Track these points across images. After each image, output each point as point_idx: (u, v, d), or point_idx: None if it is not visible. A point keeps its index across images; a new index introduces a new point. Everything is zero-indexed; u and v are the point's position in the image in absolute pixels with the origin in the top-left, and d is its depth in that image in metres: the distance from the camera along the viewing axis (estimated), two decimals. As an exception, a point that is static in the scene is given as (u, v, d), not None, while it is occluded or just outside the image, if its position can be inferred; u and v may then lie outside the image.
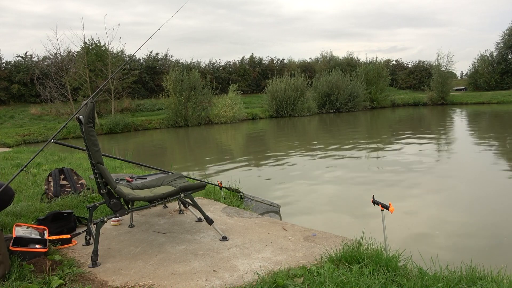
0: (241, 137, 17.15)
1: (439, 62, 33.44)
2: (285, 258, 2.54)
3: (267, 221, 3.40)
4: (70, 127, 15.75)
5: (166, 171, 3.91)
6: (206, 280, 2.26)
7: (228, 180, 4.92)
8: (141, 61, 30.30)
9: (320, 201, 5.87)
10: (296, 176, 7.82)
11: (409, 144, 11.40)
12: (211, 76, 28.80)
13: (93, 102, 2.65)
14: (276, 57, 43.70)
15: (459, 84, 41.94)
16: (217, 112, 23.84)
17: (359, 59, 39.23)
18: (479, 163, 8.37)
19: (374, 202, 2.69)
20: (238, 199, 4.31)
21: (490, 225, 4.61)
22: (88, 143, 2.61)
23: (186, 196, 2.94)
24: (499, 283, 2.00)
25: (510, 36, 38.28)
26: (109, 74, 21.98)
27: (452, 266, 2.21)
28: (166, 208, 3.92)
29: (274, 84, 27.11)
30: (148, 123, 22.41)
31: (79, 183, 4.31)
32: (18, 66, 25.03)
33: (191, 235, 3.07)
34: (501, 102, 30.25)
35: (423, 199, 5.80)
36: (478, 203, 5.56)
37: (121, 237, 3.11)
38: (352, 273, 2.12)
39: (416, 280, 2.04)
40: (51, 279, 2.23)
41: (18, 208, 3.64)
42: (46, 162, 7.10)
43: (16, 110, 23.17)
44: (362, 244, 2.50)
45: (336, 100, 28.68)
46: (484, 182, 6.68)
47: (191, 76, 23.38)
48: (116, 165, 6.57)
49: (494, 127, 16.33)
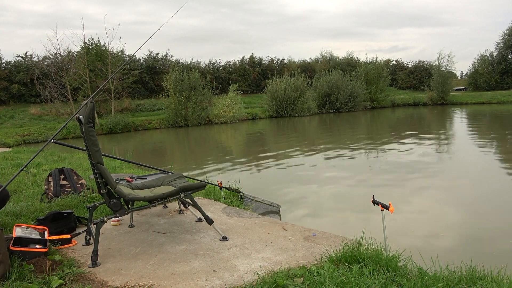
0: (241, 137, 17.15)
1: (439, 62, 33.49)
2: (285, 258, 2.54)
3: (267, 221, 3.40)
4: (70, 127, 15.75)
5: (166, 171, 3.91)
6: (206, 280, 2.27)
7: (228, 180, 4.92)
8: (141, 61, 30.29)
9: (320, 201, 5.87)
10: (296, 176, 7.82)
11: (410, 144, 11.40)
12: (211, 76, 28.80)
13: (93, 102, 2.66)
14: (276, 57, 43.78)
15: (459, 84, 41.95)
16: (217, 112, 23.84)
17: (359, 59, 39.31)
18: (480, 163, 8.37)
19: (374, 202, 2.70)
20: (238, 199, 4.32)
21: (493, 226, 4.61)
22: (88, 143, 2.61)
23: (186, 196, 2.94)
24: (499, 283, 2.00)
25: (510, 36, 38.29)
26: (109, 74, 21.97)
27: (452, 266, 2.21)
28: (166, 208, 3.92)
29: (274, 84, 27.11)
30: (148, 123, 22.41)
31: (79, 183, 4.32)
32: (18, 66, 25.02)
33: (191, 235, 3.07)
34: (501, 102, 30.26)
35: (423, 199, 5.80)
36: (480, 203, 5.55)
37: (121, 237, 3.11)
38: (352, 273, 2.12)
39: (416, 280, 2.04)
40: (51, 279, 2.23)
41: (18, 208, 3.64)
42: (46, 162, 7.10)
43: (16, 110, 23.17)
44: (362, 244, 2.50)
45: (336, 100, 28.69)
46: (486, 182, 6.67)
47: (191, 76, 23.38)
48: (116, 165, 6.57)
49: (494, 127, 16.33)
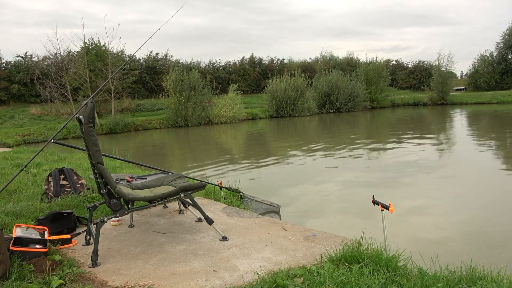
0: (241, 137, 17.14)
1: (439, 62, 33.49)
2: (285, 258, 2.54)
3: (267, 221, 3.40)
4: (70, 127, 15.77)
5: (166, 171, 3.91)
6: (206, 280, 2.26)
7: (228, 180, 4.92)
8: (141, 61, 30.27)
9: (320, 201, 5.87)
10: (296, 176, 7.82)
11: (410, 144, 11.40)
12: (211, 76, 28.78)
13: (93, 102, 2.66)
14: (276, 57, 43.69)
15: (459, 84, 41.94)
16: (217, 112, 23.84)
17: (359, 59, 39.31)
18: (481, 163, 8.37)
19: (374, 202, 2.70)
20: (238, 199, 4.32)
21: (493, 225, 4.61)
22: (88, 143, 2.61)
23: (186, 196, 2.94)
24: (499, 283, 2.00)
25: (510, 36, 38.29)
26: (109, 74, 21.97)
27: (452, 266, 2.20)
28: (166, 208, 3.92)
29: (274, 84, 27.11)
30: (148, 123, 22.41)
31: (79, 183, 4.31)
32: (18, 66, 25.01)
33: (191, 235, 3.07)
34: (501, 102, 30.26)
35: (423, 199, 5.79)
36: (481, 203, 5.55)
37: (121, 237, 3.11)
38: (352, 273, 2.12)
39: (416, 280, 2.04)
40: (51, 279, 2.23)
41: (18, 208, 3.64)
42: (46, 162, 7.10)
43: (16, 110, 23.16)
44: (362, 244, 2.50)
45: (336, 100, 28.68)
46: (487, 182, 6.67)
47: (191, 76, 23.38)
48: (116, 165, 6.56)
49: (494, 127, 16.33)
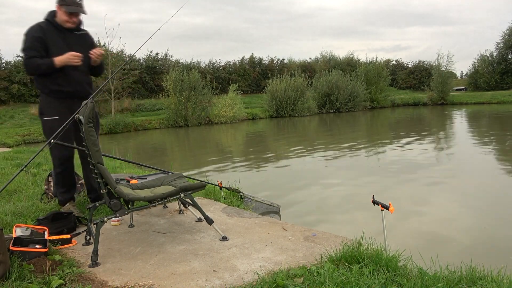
0: (241, 137, 17.14)
1: (439, 62, 33.52)
2: (285, 258, 2.54)
3: (267, 221, 3.40)
4: (70, 127, 15.72)
5: (166, 171, 3.91)
6: (206, 280, 2.26)
7: (228, 180, 4.91)
8: (141, 61, 30.27)
9: (320, 201, 5.87)
10: (296, 176, 7.82)
11: (409, 144, 11.40)
12: (211, 76, 28.79)
13: (93, 102, 2.66)
14: (276, 56, 43.78)
15: (459, 84, 41.99)
16: (217, 112, 23.84)
17: (359, 59, 39.34)
18: (481, 163, 8.37)
19: (374, 202, 2.70)
20: (238, 199, 4.31)
21: (494, 225, 4.61)
22: (88, 143, 2.61)
23: (186, 196, 2.94)
24: (499, 283, 2.00)
25: (510, 36, 38.31)
26: (109, 74, 21.97)
27: (452, 266, 2.20)
28: (166, 208, 3.92)
29: (274, 84, 27.12)
30: (148, 123, 22.41)
31: (79, 183, 4.31)
32: (18, 66, 24.97)
33: (191, 235, 3.07)
34: (501, 102, 30.28)
35: (423, 199, 5.79)
36: (482, 202, 5.55)
37: (121, 237, 3.11)
38: (352, 273, 2.12)
39: (416, 280, 2.04)
40: (51, 279, 2.23)
41: (18, 208, 3.64)
42: (46, 162, 7.08)
43: (16, 110, 23.15)
44: (362, 244, 2.49)
45: (336, 100, 28.69)
46: (487, 182, 6.67)
47: (191, 76, 23.37)
48: (116, 165, 6.56)
49: (494, 127, 16.33)
